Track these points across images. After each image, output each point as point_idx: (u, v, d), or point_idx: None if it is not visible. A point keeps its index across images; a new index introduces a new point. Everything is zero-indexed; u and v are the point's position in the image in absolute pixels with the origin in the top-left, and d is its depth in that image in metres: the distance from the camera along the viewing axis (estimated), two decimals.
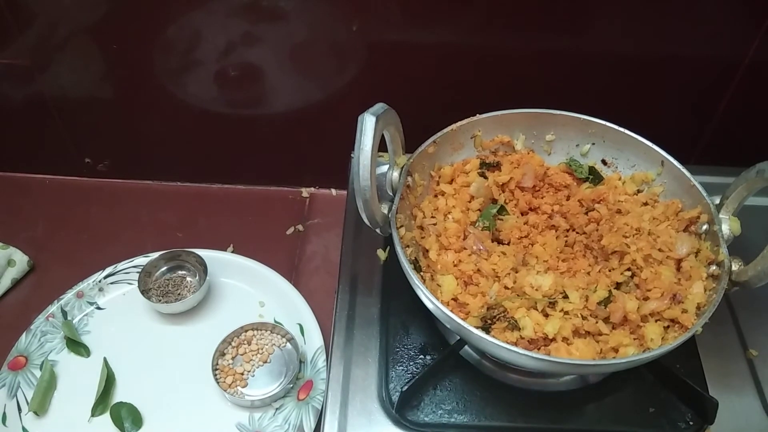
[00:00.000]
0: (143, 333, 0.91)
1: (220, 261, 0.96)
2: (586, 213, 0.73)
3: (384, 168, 0.72)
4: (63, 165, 1.11)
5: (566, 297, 0.65)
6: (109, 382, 0.85)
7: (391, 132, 0.69)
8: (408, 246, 0.69)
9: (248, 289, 0.96)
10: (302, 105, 0.99)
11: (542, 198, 0.76)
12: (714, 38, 0.87)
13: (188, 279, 0.95)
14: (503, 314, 0.64)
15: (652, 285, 0.66)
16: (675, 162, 0.73)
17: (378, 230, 0.68)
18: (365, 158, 0.61)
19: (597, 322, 0.64)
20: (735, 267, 0.65)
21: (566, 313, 0.64)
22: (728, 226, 0.68)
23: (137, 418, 0.82)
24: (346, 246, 0.82)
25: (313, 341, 0.88)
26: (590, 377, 0.70)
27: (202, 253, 0.94)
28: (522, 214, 0.75)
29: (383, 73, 0.93)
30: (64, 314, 0.91)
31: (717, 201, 0.70)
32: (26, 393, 0.84)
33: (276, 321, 0.91)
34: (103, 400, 0.83)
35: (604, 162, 0.79)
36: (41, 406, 0.83)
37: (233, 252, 1.00)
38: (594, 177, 0.78)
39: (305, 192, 1.12)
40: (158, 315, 0.92)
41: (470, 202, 0.74)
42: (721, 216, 0.69)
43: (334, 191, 1.12)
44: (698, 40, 0.87)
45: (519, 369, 0.70)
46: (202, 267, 0.93)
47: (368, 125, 0.61)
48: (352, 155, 0.62)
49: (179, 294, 0.93)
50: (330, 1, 0.86)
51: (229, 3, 0.87)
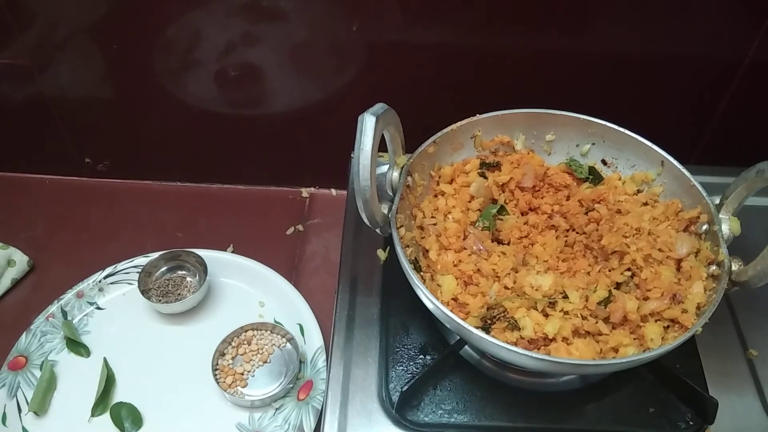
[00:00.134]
0: (143, 333, 0.91)
1: (220, 261, 0.96)
2: (586, 213, 0.73)
3: (384, 168, 0.72)
4: (63, 165, 1.11)
5: (566, 297, 0.65)
6: (109, 382, 0.85)
7: (391, 132, 0.69)
8: (408, 246, 0.69)
9: (248, 289, 0.96)
10: (302, 105, 0.99)
11: (542, 198, 0.76)
12: (714, 38, 0.87)
13: (188, 279, 0.95)
14: (503, 314, 0.64)
15: (652, 285, 0.66)
16: (675, 162, 0.73)
17: (378, 230, 0.68)
18: (365, 158, 0.61)
19: (597, 322, 0.64)
20: (735, 267, 0.65)
21: (566, 313, 0.64)
22: (728, 226, 0.68)
23: (137, 418, 0.82)
24: (346, 246, 0.82)
25: (313, 341, 0.88)
26: (590, 377, 0.70)
27: (202, 253, 0.94)
28: (522, 214, 0.75)
29: (383, 73, 0.93)
30: (64, 314, 0.91)
31: (717, 201, 0.70)
32: (26, 393, 0.84)
33: (276, 321, 0.91)
34: (103, 400, 0.83)
35: (604, 162, 0.79)
36: (41, 406, 0.83)
37: (233, 252, 1.00)
38: (594, 177, 0.78)
39: (305, 192, 1.12)
40: (158, 315, 0.92)
41: (470, 202, 0.74)
42: (721, 216, 0.69)
43: (334, 191, 1.12)
44: (698, 40, 0.87)
45: (519, 369, 0.70)
46: (202, 267, 0.93)
47: (368, 125, 0.61)
48: (352, 155, 0.62)
49: (179, 294, 0.93)
50: (330, 1, 0.86)
51: (229, 3, 0.87)
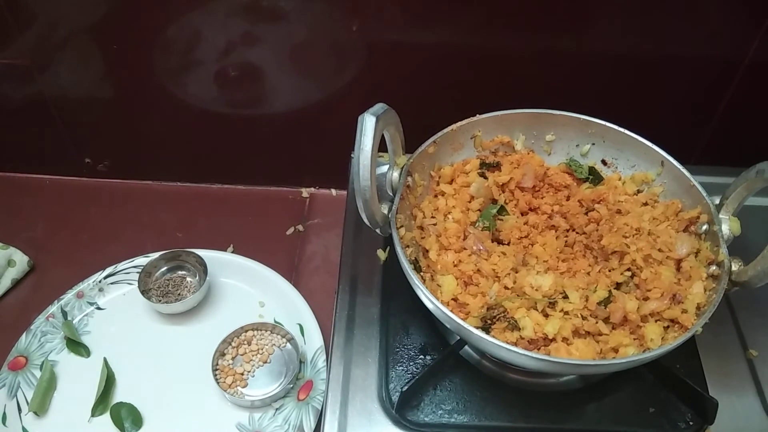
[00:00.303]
0: (143, 333, 0.91)
1: (220, 261, 0.96)
2: (586, 213, 0.73)
3: (384, 168, 0.72)
4: (63, 165, 1.11)
5: (566, 297, 0.65)
6: (109, 382, 0.85)
7: (391, 132, 0.69)
8: (408, 246, 0.69)
9: (248, 289, 0.96)
10: (302, 105, 0.99)
11: (542, 198, 0.76)
12: (714, 38, 0.87)
13: (188, 279, 0.95)
14: (503, 314, 0.64)
15: (652, 285, 0.66)
16: (675, 162, 0.73)
17: (378, 230, 0.68)
18: (365, 158, 0.61)
19: (597, 322, 0.64)
20: (735, 267, 0.65)
21: (566, 313, 0.64)
22: (728, 226, 0.68)
23: (137, 418, 0.82)
24: (346, 246, 0.82)
25: (313, 341, 0.88)
26: (590, 377, 0.70)
27: (202, 253, 0.94)
28: (522, 215, 0.75)
29: (383, 73, 0.93)
30: (64, 314, 0.91)
31: (717, 201, 0.70)
32: (26, 393, 0.84)
33: (276, 321, 0.91)
34: (103, 400, 0.83)
35: (604, 162, 0.79)
36: (41, 407, 0.83)
37: (233, 252, 1.00)
38: (594, 177, 0.77)
39: (305, 192, 1.12)
40: (158, 315, 0.92)
41: (470, 203, 0.74)
42: (721, 216, 0.69)
43: (334, 191, 1.12)
44: (698, 40, 0.87)
45: (519, 369, 0.70)
46: (202, 267, 0.93)
47: (368, 125, 0.61)
48: (352, 155, 0.62)
49: (179, 294, 0.93)
50: (330, 1, 0.86)
51: (229, 3, 0.87)
